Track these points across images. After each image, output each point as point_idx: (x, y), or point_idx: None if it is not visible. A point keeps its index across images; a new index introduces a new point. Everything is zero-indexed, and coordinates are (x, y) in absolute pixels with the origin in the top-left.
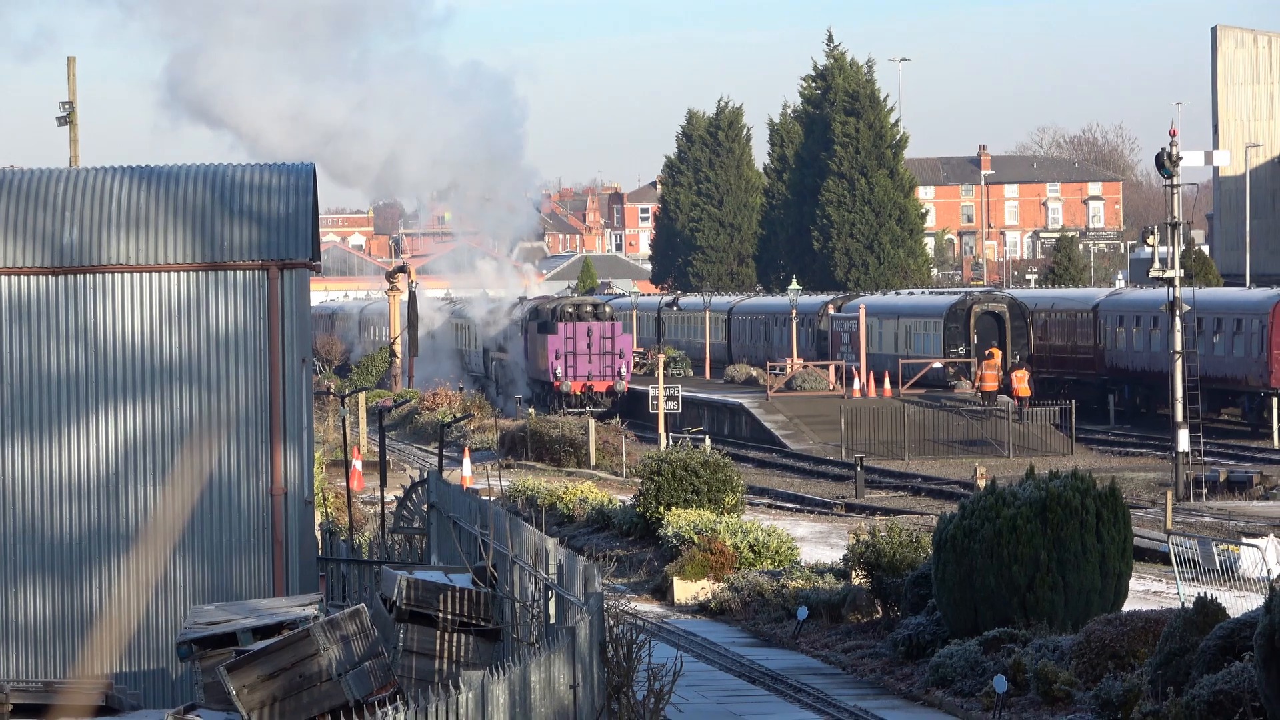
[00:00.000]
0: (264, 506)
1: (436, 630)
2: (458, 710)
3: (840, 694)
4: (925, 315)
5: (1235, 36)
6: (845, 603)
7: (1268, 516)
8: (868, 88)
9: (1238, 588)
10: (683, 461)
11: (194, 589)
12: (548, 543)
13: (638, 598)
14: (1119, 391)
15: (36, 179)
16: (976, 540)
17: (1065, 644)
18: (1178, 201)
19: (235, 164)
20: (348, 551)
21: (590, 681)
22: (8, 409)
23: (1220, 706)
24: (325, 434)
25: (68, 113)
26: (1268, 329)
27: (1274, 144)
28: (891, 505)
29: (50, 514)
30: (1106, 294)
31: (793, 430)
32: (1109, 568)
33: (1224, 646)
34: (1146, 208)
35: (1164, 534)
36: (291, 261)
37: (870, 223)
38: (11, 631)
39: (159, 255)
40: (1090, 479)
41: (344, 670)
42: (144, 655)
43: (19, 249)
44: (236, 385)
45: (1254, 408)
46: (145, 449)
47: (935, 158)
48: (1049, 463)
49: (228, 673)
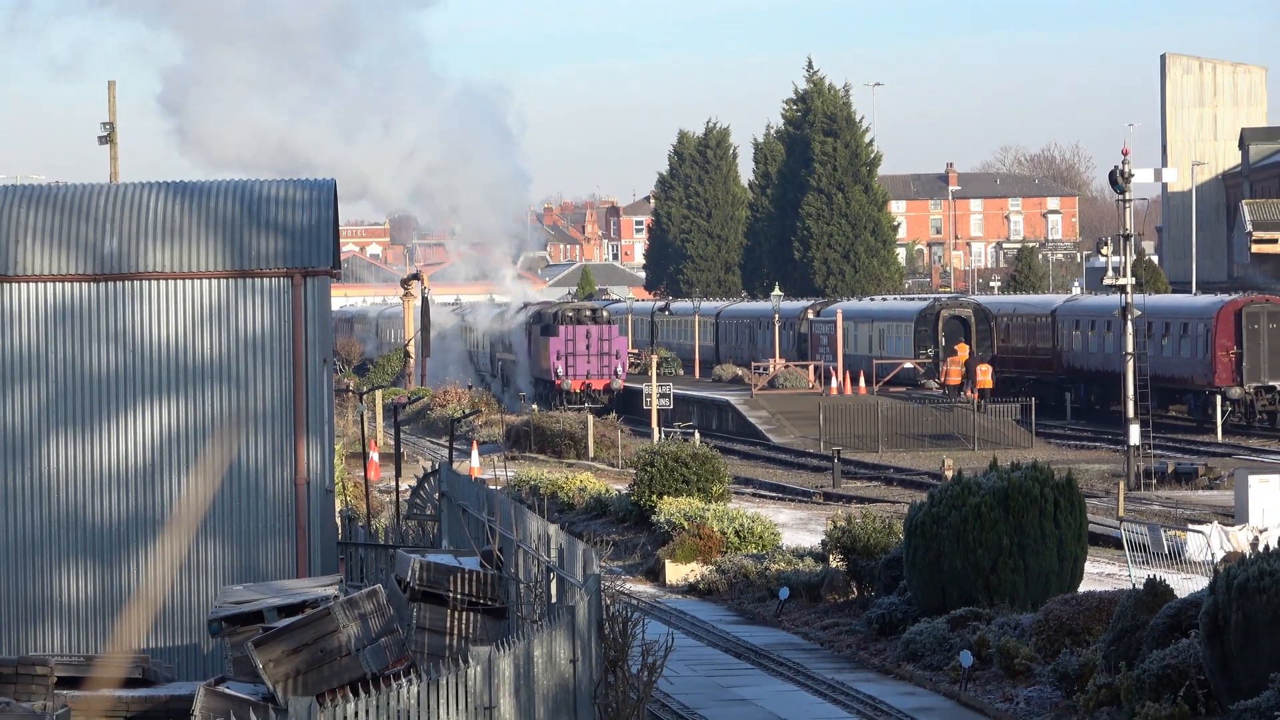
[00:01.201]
0: (288, 495)
1: (447, 609)
2: (467, 682)
3: (819, 668)
4: (897, 319)
5: (1182, 64)
6: (823, 584)
7: (1212, 505)
8: (844, 110)
9: (1184, 571)
10: (674, 454)
11: (223, 570)
12: (549, 528)
13: (632, 579)
14: (1075, 390)
15: (79, 193)
16: (944, 526)
17: (1026, 622)
18: (1129, 215)
19: (262, 179)
20: (365, 536)
21: (589, 656)
22: (53, 405)
23: (1168, 679)
24: (345, 428)
25: (108, 132)
26: (1212, 332)
27: (1218, 162)
28: (866, 494)
29: (92, 502)
30: (1064, 300)
31: (775, 425)
32: (1066, 552)
33: (1172, 624)
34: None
35: (1116, 521)
36: (314, 269)
37: (847, 234)
38: (56, 610)
39: (192, 264)
40: (1049, 470)
41: (362, 645)
42: (178, 631)
43: (63, 258)
44: (263, 383)
45: (1199, 405)
46: (179, 442)
47: (906, 174)
48: (1011, 455)
49: (255, 648)
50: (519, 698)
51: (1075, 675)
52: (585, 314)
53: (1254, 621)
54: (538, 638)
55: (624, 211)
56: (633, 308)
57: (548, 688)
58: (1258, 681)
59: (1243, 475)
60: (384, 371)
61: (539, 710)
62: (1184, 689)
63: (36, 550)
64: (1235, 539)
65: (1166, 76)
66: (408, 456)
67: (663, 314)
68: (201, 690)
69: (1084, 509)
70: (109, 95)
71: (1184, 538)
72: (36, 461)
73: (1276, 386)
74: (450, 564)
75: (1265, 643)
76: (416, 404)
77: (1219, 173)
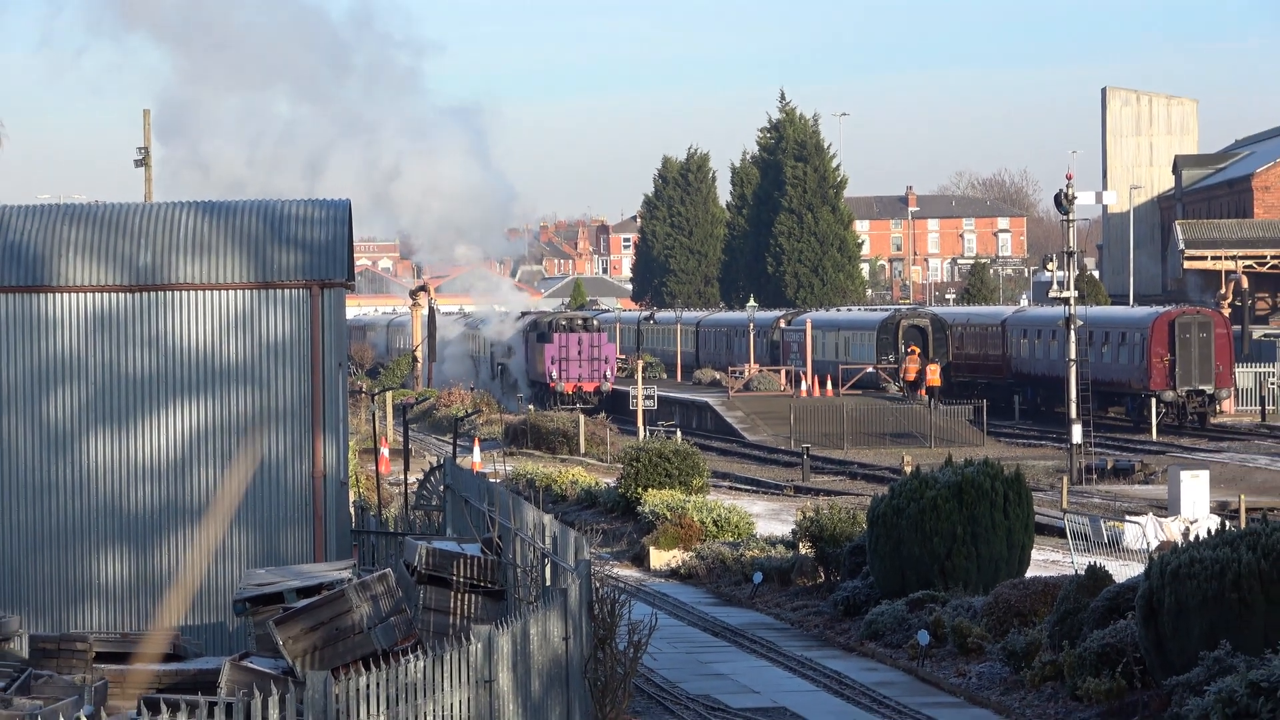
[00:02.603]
0: (306, 486)
1: (451, 591)
2: (469, 658)
3: (789, 645)
4: (861, 328)
5: (1121, 96)
6: (794, 569)
7: (1147, 498)
8: (814, 138)
9: (1122, 558)
10: (658, 450)
11: (248, 555)
12: (544, 518)
13: (619, 564)
14: (1023, 393)
15: (117, 211)
16: (904, 517)
17: (978, 604)
18: (1073, 234)
19: (283, 199)
20: (376, 524)
21: (580, 634)
22: (93, 404)
23: (1107, 657)
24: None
25: (142, 156)
26: (1148, 341)
27: (1153, 186)
28: (832, 487)
29: (128, 492)
30: (1013, 311)
31: (750, 424)
32: (1014, 540)
33: (1110, 607)
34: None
35: (1060, 512)
36: (330, 281)
37: (815, 251)
38: (95, 591)
39: (219, 276)
40: (999, 466)
41: (373, 624)
42: (206, 611)
43: (103, 270)
44: (284, 385)
45: (1136, 407)
46: (208, 438)
47: (870, 196)
48: (964, 452)
49: (276, 626)
50: (516, 672)
51: (1022, 653)
52: (577, 323)
53: (1185, 604)
54: (533, 617)
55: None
56: (620, 317)
57: (542, 663)
58: (1189, 659)
59: (1175, 471)
60: (394, 375)
61: (534, 683)
62: (1121, 665)
63: (77, 536)
64: (1168, 529)
65: (1107, 108)
66: (415, 452)
67: (648, 323)
68: (227, 664)
69: (1031, 501)
70: (144, 122)
71: (1122, 528)
72: (78, 455)
73: (1205, 390)
74: (454, 550)
75: (1195, 624)
76: (423, 404)
77: (1154, 195)
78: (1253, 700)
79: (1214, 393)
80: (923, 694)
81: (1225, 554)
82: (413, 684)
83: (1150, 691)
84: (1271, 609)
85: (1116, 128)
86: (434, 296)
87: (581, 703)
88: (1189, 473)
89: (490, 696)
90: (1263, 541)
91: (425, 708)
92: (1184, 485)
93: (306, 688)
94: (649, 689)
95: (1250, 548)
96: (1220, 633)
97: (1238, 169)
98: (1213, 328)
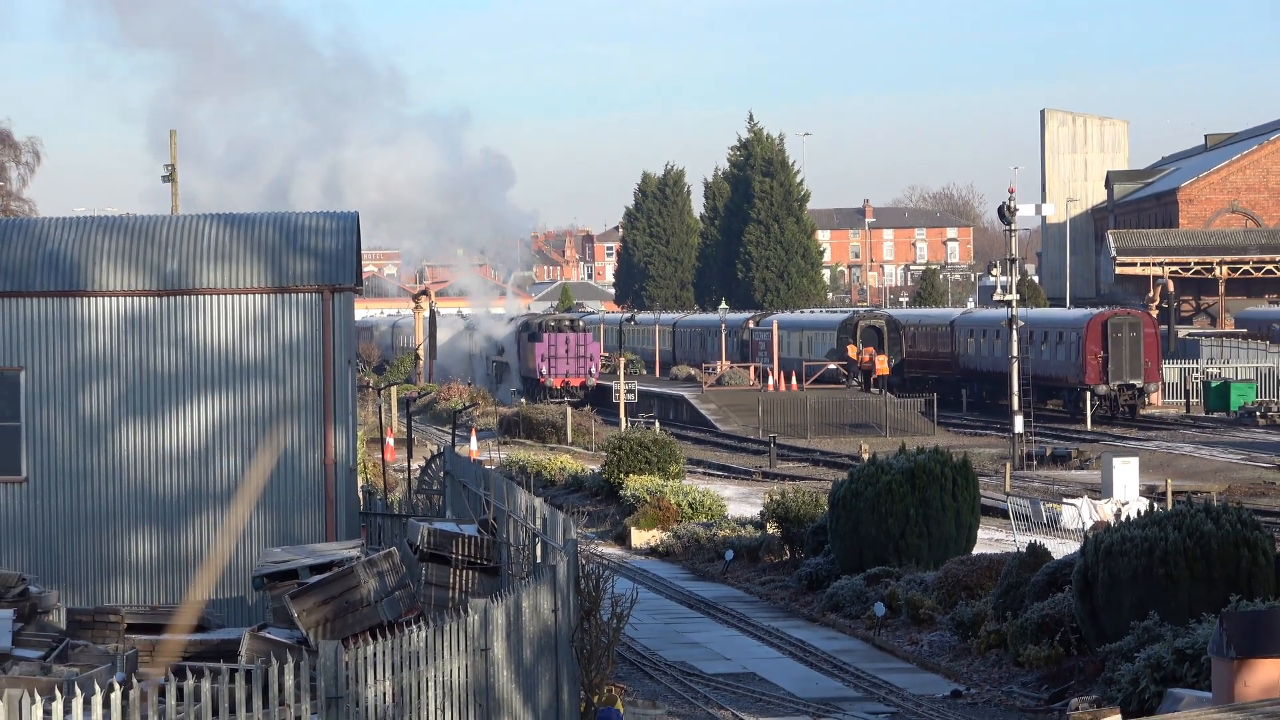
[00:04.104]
0: (319, 473)
1: (450, 568)
2: (467, 629)
3: (758, 616)
4: (822, 328)
5: (1059, 117)
6: (762, 547)
7: (1082, 482)
8: (780, 155)
9: (1060, 537)
10: (638, 439)
11: (265, 535)
12: (535, 501)
13: (603, 543)
14: (970, 387)
15: (146, 223)
16: (861, 500)
17: (929, 579)
18: (1015, 242)
19: (297, 212)
20: (383, 507)
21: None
22: (125, 398)
23: (1046, 626)
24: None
25: (169, 173)
26: (1083, 339)
27: (1088, 199)
28: (797, 473)
29: (157, 478)
30: (960, 313)
31: (722, 415)
32: (962, 521)
33: (1049, 581)
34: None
35: (1004, 495)
36: (340, 286)
37: (781, 258)
38: (127, 568)
39: (239, 281)
40: (948, 454)
41: (380, 598)
42: (227, 586)
43: (133, 276)
44: (298, 381)
45: (1072, 400)
46: (229, 429)
47: (830, 208)
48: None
49: (291, 600)
50: (510, 641)
51: (970, 623)
52: (565, 324)
53: (1117, 579)
54: (525, 592)
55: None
56: (604, 318)
57: (533, 633)
58: (1120, 629)
59: (1108, 458)
60: (398, 371)
61: (526, 652)
62: (1059, 634)
63: (111, 518)
64: (1102, 510)
65: (1045, 127)
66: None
67: (629, 324)
68: (247, 635)
69: (977, 486)
70: (170, 142)
71: (1060, 509)
72: (111, 445)
73: (1135, 385)
74: (453, 531)
75: (1126, 597)
76: (425, 398)
77: (1089, 208)
78: (1178, 666)
79: (1143, 387)
80: (879, 660)
81: (1153, 533)
82: (416, 652)
83: (1085, 658)
84: (1195, 583)
85: (1054, 146)
86: (434, 300)
87: (569, 669)
88: (1120, 459)
89: (486, 664)
90: (1187, 522)
91: (427, 674)
92: (1116, 471)
93: (319, 656)
94: (630, 656)
95: (1176, 528)
96: (1149, 605)
97: (1164, 183)
98: (1142, 328)
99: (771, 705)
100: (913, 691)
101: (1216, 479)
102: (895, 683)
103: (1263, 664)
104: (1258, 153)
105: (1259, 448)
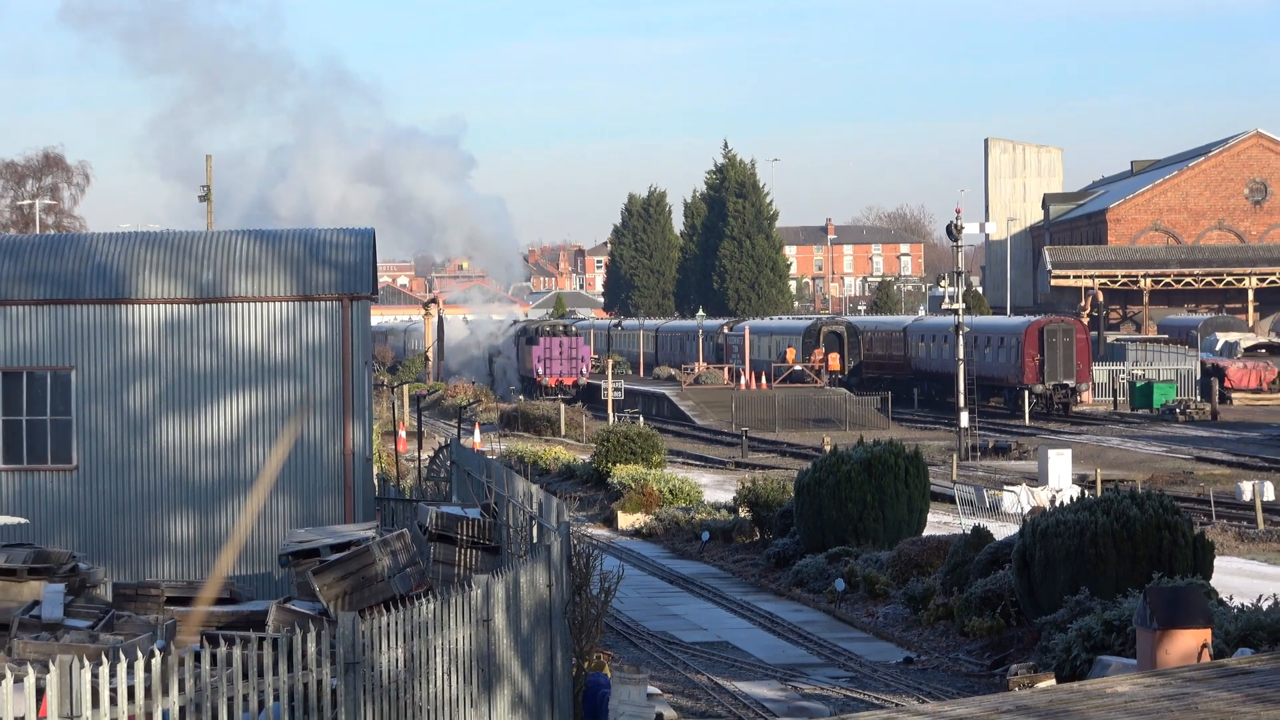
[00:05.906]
0: (338, 462)
1: (456, 547)
2: (470, 602)
3: (731, 591)
4: (789, 334)
5: (1001, 145)
6: (735, 529)
7: (1021, 471)
8: (751, 178)
9: (1001, 520)
10: (624, 432)
11: (290, 518)
12: (532, 488)
13: (593, 525)
14: (921, 386)
15: (184, 238)
16: (824, 487)
17: (884, 558)
18: (961, 257)
19: (319, 228)
20: (395, 493)
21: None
22: (165, 395)
23: (989, 600)
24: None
25: (205, 193)
26: (1022, 344)
27: (1026, 218)
28: (766, 463)
29: (193, 466)
30: (912, 320)
31: (699, 411)
32: (914, 506)
33: (992, 559)
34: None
35: (951, 483)
36: (358, 295)
37: (752, 270)
38: (166, 547)
39: (268, 290)
40: (901, 445)
41: (393, 574)
42: (256, 563)
43: (172, 285)
44: (321, 379)
45: (1012, 398)
46: (259, 422)
47: (797, 226)
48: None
49: (314, 575)
50: (509, 613)
51: (920, 597)
52: (559, 329)
53: (1052, 558)
54: (523, 568)
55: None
56: (594, 324)
57: (530, 605)
58: (1055, 602)
59: (1044, 450)
60: (409, 371)
61: (523, 622)
62: (1000, 607)
63: (152, 503)
64: (1038, 497)
65: (989, 154)
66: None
67: (616, 329)
68: (274, 607)
69: (927, 474)
70: (207, 166)
71: (1001, 496)
72: (153, 436)
73: (1069, 384)
74: (458, 514)
75: (1060, 573)
76: (433, 395)
77: (1027, 226)
78: (1107, 635)
79: (1075, 386)
80: (839, 630)
81: (1085, 517)
82: (425, 623)
83: (1024, 628)
84: (1122, 562)
85: (996, 171)
86: (442, 307)
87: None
88: (1055, 451)
89: (488, 633)
90: (1115, 507)
91: (435, 642)
92: (1051, 461)
93: (339, 625)
94: (617, 626)
95: (1105, 512)
96: (1080, 581)
97: (1095, 205)
98: (1074, 333)
99: (743, 670)
100: (869, 658)
101: (1141, 469)
102: (854, 650)
103: (1181, 634)
104: (1178, 178)
105: (1178, 441)
